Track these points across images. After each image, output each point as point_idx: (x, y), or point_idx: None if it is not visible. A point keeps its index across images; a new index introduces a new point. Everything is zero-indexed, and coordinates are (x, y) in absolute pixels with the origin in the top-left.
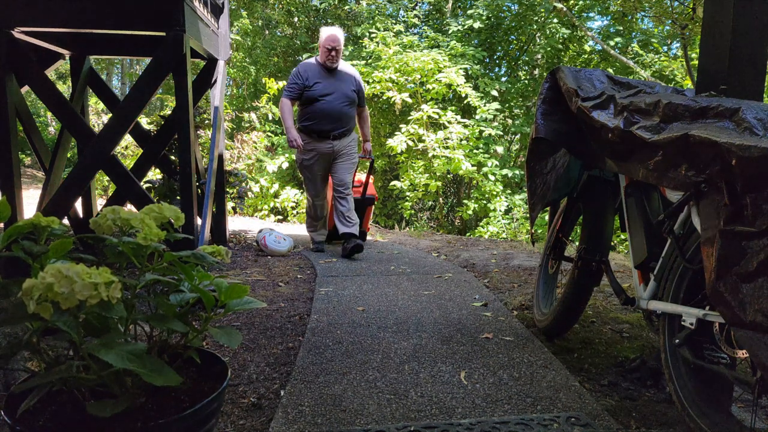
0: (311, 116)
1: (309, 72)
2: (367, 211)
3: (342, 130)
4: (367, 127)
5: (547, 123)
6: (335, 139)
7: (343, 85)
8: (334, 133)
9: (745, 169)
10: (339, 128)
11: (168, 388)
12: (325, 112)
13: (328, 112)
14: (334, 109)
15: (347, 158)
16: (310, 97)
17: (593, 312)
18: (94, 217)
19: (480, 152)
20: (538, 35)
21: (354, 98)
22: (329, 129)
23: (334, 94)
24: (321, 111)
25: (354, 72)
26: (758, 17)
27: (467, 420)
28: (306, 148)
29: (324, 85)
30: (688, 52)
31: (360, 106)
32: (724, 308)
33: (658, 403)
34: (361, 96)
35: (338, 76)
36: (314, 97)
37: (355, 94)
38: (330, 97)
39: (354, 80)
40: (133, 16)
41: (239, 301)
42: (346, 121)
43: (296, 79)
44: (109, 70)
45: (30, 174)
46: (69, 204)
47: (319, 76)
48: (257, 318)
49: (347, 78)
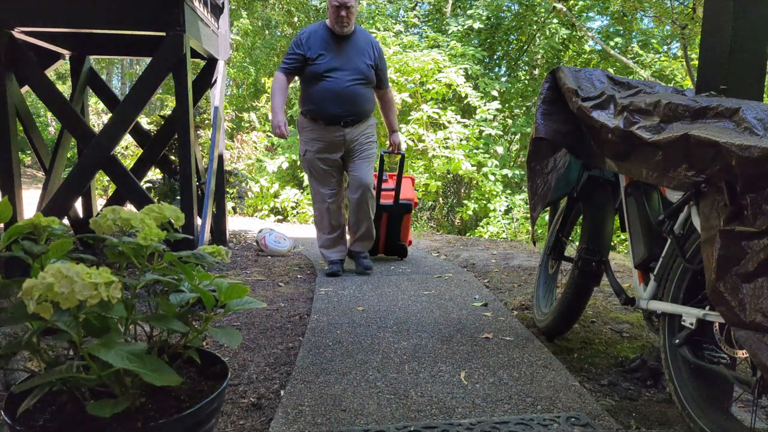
0: (315, 98)
1: (313, 40)
2: (405, 221)
3: (355, 115)
4: (393, 113)
5: (547, 123)
6: (347, 126)
7: (356, 58)
8: (345, 119)
9: (745, 169)
10: (351, 113)
11: (168, 388)
12: (333, 92)
13: (337, 92)
14: (344, 89)
15: (365, 150)
16: (314, 73)
17: (593, 312)
18: (94, 217)
19: (480, 152)
20: (537, 35)
21: (370, 75)
22: (338, 114)
23: (343, 70)
24: (327, 91)
25: (372, 41)
26: (758, 17)
27: (467, 420)
28: (309, 137)
29: (331, 57)
30: (688, 52)
31: (380, 86)
32: (724, 308)
33: (658, 403)
34: (381, 72)
35: (351, 46)
36: (318, 74)
37: (371, 69)
38: (338, 74)
39: (371, 51)
40: (133, 16)
41: (239, 301)
42: (361, 104)
43: (296, 48)
44: (109, 70)
45: (30, 174)
46: (69, 204)
47: (325, 46)
48: (257, 318)
49: (362, 48)
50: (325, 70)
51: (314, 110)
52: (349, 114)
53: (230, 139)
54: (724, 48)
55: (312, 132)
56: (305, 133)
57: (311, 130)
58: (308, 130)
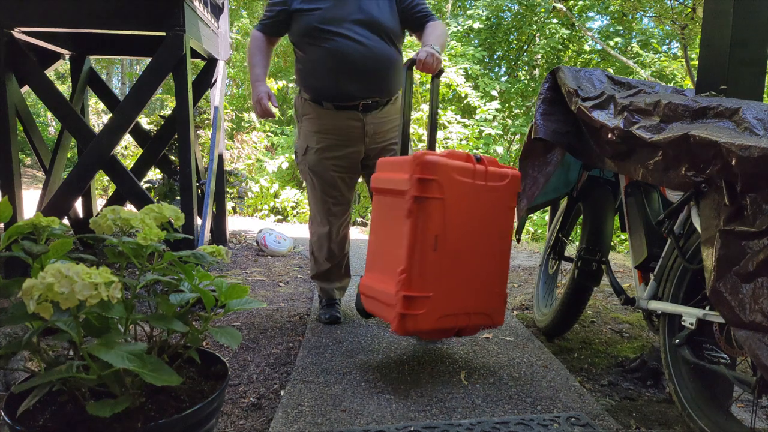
0: (317, 68)
1: None
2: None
3: (379, 91)
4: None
5: (547, 123)
6: (368, 111)
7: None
8: (364, 99)
9: (745, 169)
10: (372, 88)
11: (168, 388)
12: (341, 58)
13: (347, 57)
14: (358, 53)
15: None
16: (307, 29)
17: (593, 312)
18: (94, 217)
19: (480, 152)
20: (537, 35)
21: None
22: (353, 92)
23: (351, 22)
24: (332, 56)
25: None
26: (758, 17)
27: (467, 420)
28: (311, 129)
29: (332, 4)
30: (688, 52)
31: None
32: (724, 308)
33: (658, 403)
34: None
35: None
36: (313, 29)
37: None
38: (345, 29)
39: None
40: (133, 16)
41: (239, 301)
42: (385, 73)
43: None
44: (109, 70)
45: (30, 174)
46: (69, 204)
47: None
48: (257, 318)
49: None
50: (321, 21)
51: (317, 87)
52: (370, 90)
53: (230, 139)
54: (724, 48)
55: (315, 121)
56: (306, 122)
57: (314, 119)
58: (310, 119)
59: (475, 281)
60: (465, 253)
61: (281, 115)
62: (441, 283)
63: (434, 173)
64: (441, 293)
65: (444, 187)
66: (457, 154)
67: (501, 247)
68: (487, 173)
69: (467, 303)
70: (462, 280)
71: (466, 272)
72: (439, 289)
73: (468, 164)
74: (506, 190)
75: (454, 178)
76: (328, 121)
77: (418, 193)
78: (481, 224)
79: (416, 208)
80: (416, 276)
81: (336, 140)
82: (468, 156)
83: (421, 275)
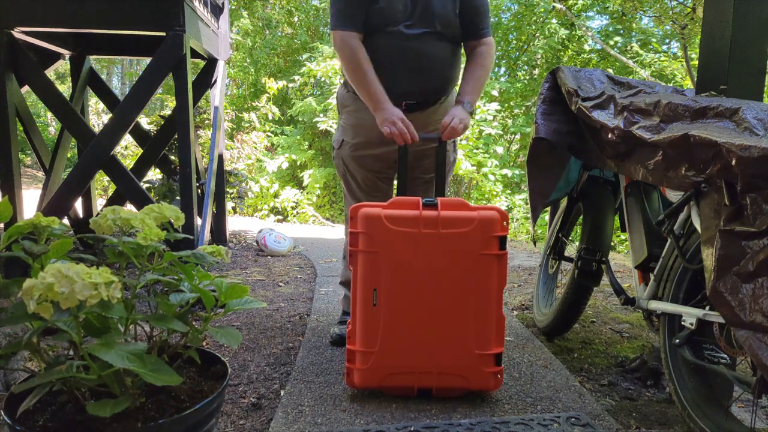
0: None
1: None
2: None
3: (426, 92)
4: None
5: (547, 123)
6: (412, 111)
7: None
8: (408, 97)
9: (745, 169)
10: (419, 87)
11: (168, 388)
12: (388, 52)
13: (394, 51)
14: (406, 47)
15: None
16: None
17: (593, 312)
18: (94, 217)
19: (480, 152)
20: (537, 35)
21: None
22: (397, 89)
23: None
24: (379, 50)
25: None
26: (758, 17)
27: (467, 420)
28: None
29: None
30: (688, 52)
31: (473, 35)
32: (724, 308)
33: (658, 403)
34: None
35: None
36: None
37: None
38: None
39: None
40: (133, 16)
41: (239, 301)
42: (436, 71)
43: None
44: (109, 70)
45: (30, 174)
46: (69, 204)
47: None
48: (257, 318)
49: None
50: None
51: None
52: (416, 89)
53: (230, 139)
54: (724, 48)
55: (355, 114)
56: (345, 115)
57: (353, 112)
58: (350, 111)
59: (439, 338)
60: (420, 308)
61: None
62: (388, 339)
63: (362, 226)
64: (389, 349)
65: (375, 240)
66: (402, 202)
67: (477, 300)
68: (440, 220)
69: (430, 362)
70: (420, 337)
71: (425, 328)
72: (386, 345)
73: (410, 212)
74: (473, 236)
75: (389, 229)
76: (367, 116)
77: (351, 246)
78: (441, 276)
79: (353, 261)
80: (359, 330)
81: (372, 137)
82: (416, 203)
83: (363, 329)
